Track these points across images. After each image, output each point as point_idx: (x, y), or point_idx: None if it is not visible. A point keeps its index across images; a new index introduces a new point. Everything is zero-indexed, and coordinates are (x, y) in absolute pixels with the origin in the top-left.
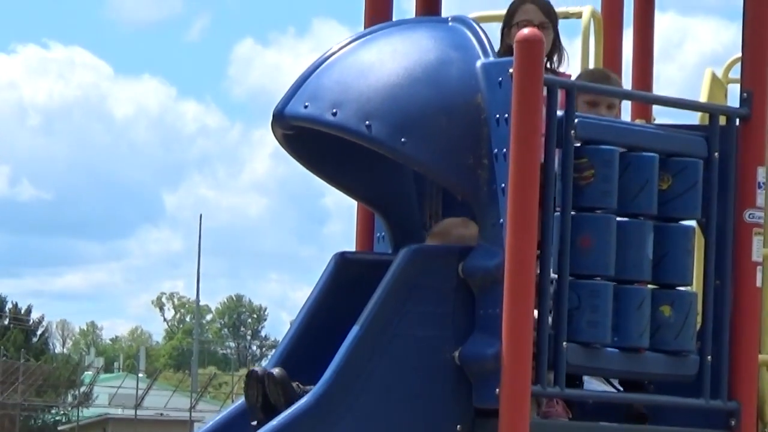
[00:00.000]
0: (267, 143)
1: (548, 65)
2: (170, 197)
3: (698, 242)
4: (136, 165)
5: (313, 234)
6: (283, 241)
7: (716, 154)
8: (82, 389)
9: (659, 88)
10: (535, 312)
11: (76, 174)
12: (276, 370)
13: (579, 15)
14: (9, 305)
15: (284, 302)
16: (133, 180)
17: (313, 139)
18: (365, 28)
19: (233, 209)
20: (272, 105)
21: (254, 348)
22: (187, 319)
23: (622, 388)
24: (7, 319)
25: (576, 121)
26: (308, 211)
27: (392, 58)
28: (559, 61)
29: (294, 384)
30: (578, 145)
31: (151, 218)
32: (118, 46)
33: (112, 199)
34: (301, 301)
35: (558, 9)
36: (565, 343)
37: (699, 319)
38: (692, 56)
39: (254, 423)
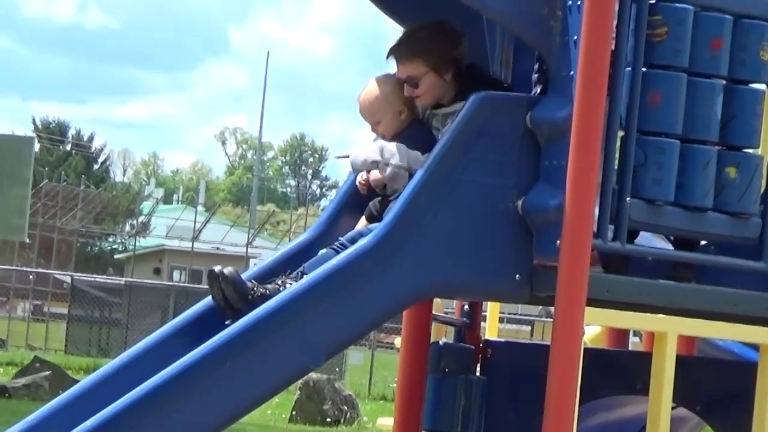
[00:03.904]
0: None
1: None
2: (236, 33)
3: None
4: None
5: None
6: (349, 82)
7: None
8: (141, 219)
9: None
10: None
11: (144, 3)
12: (228, 269)
13: None
14: (72, 131)
15: (346, 144)
16: (200, 13)
17: None
18: None
19: (299, 48)
20: None
21: (314, 188)
22: (249, 155)
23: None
24: (69, 145)
25: None
26: (375, 54)
27: None
28: None
29: (249, 282)
30: (653, 1)
31: (216, 52)
32: None
33: (178, 31)
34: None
35: None
36: (628, 199)
37: (764, 183)
38: None
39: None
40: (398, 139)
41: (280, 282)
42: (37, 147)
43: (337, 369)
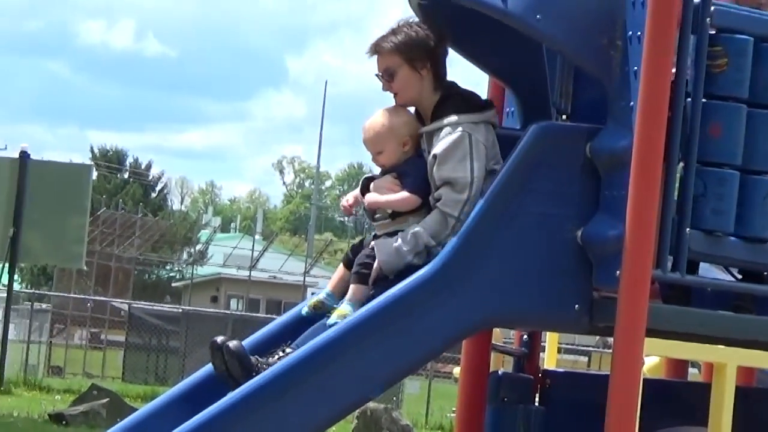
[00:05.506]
0: (394, 14)
1: None
2: (294, 62)
3: None
4: (261, 27)
5: None
6: None
7: None
8: (198, 247)
9: None
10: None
11: (201, 32)
12: (233, 344)
13: None
14: (130, 159)
15: None
16: (258, 43)
17: (448, 10)
18: None
19: (357, 77)
20: None
21: None
22: (307, 184)
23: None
24: (127, 173)
25: (713, 8)
26: None
27: None
28: None
29: (253, 357)
30: (713, 32)
31: (273, 82)
32: None
33: (235, 61)
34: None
35: None
36: (688, 230)
37: None
38: None
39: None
40: (400, 168)
41: (282, 353)
42: (94, 175)
43: (394, 398)
